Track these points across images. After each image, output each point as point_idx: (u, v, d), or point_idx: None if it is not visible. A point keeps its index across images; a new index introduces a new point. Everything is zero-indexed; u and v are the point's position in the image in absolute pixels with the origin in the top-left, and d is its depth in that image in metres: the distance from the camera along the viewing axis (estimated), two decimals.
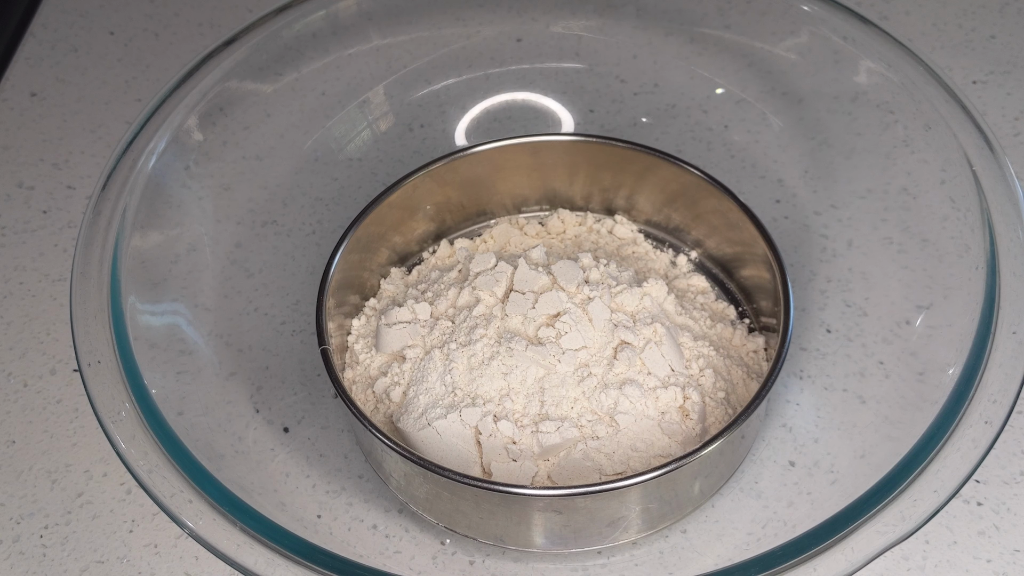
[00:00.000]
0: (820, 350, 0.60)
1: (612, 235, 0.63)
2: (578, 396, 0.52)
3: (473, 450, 0.51)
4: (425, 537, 0.54)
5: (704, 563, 0.53)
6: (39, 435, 0.59)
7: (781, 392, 0.58)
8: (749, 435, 0.54)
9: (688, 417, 0.52)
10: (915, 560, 0.53)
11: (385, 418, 0.54)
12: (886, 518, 0.46)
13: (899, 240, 0.62)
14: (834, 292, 0.62)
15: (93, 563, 0.54)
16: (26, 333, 0.63)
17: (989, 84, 0.71)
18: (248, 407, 0.58)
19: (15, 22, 0.79)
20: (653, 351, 0.53)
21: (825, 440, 0.56)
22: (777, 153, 0.68)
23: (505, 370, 0.52)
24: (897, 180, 0.64)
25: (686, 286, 0.60)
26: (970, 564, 0.53)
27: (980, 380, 0.50)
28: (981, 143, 0.57)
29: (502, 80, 0.70)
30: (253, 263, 0.64)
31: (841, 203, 0.65)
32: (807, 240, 0.64)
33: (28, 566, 0.54)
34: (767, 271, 0.57)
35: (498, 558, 0.53)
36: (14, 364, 0.62)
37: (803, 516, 0.52)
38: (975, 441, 0.48)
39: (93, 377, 0.51)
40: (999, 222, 0.55)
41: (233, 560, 0.46)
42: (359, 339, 0.58)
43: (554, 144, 0.62)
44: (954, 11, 0.76)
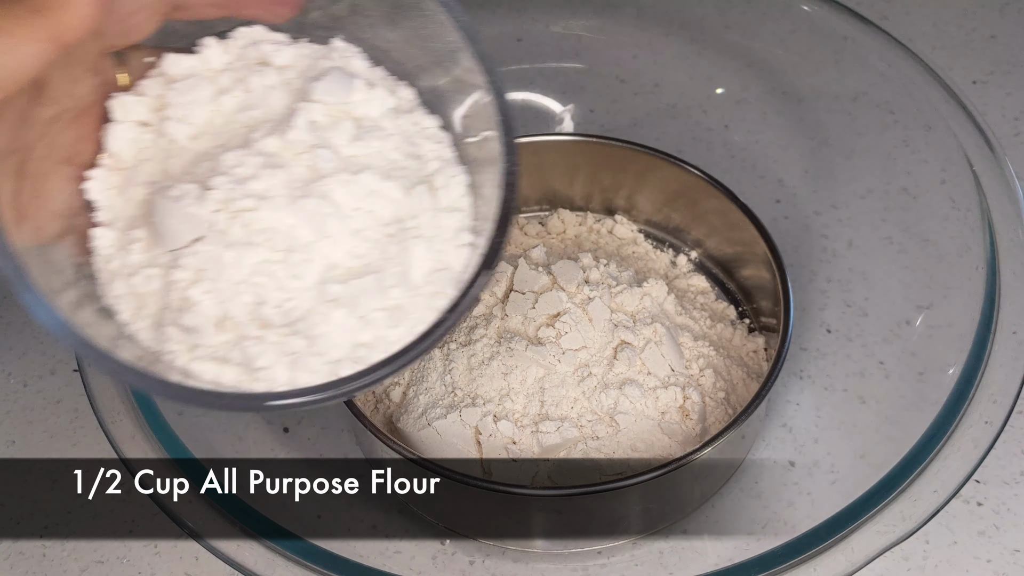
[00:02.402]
0: (820, 350, 0.60)
1: (612, 235, 0.63)
2: (578, 396, 0.52)
3: (473, 450, 0.51)
4: (425, 537, 0.54)
5: (704, 563, 0.53)
6: (39, 435, 0.59)
7: (781, 392, 0.58)
8: (749, 435, 0.54)
9: (688, 417, 0.52)
10: (915, 560, 0.53)
11: (385, 418, 0.54)
12: (886, 518, 0.46)
13: (899, 240, 0.62)
14: (834, 292, 0.62)
15: (93, 563, 0.54)
16: (26, 333, 0.63)
17: (989, 84, 0.71)
18: None
19: None
20: (653, 351, 0.53)
21: (825, 440, 0.56)
22: (777, 153, 0.68)
23: (505, 370, 0.52)
24: (897, 180, 0.64)
25: (686, 286, 0.60)
26: (970, 564, 0.53)
27: (980, 380, 0.50)
28: (981, 143, 0.57)
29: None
30: None
31: (841, 203, 0.65)
32: (807, 240, 0.64)
33: (28, 566, 0.54)
34: (767, 271, 0.57)
35: (498, 558, 0.53)
36: (14, 364, 0.62)
37: (803, 516, 0.52)
38: (975, 441, 0.48)
39: (93, 377, 0.51)
40: (999, 222, 0.55)
41: (233, 560, 0.46)
42: None
43: (554, 144, 0.62)
44: (954, 11, 0.76)
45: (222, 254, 0.35)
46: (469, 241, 0.39)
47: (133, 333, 0.36)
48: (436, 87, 0.40)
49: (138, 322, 0.36)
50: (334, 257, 0.36)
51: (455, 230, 0.38)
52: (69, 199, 0.36)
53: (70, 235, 0.37)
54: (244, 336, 0.35)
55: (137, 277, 0.36)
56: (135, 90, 0.38)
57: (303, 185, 0.36)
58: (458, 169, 0.39)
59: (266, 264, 0.35)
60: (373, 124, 0.38)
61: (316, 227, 0.36)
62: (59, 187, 0.36)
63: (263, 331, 0.35)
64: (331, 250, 0.36)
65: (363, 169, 0.37)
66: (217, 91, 0.38)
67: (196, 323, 0.35)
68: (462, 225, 0.39)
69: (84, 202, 0.37)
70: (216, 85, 0.38)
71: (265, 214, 0.35)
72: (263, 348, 0.35)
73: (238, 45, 0.39)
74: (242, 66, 0.39)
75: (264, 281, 0.35)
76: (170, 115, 0.38)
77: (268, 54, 0.39)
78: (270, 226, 0.35)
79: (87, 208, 0.37)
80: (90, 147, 0.37)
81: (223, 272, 0.35)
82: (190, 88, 0.38)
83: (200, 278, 0.35)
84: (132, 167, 0.38)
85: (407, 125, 0.39)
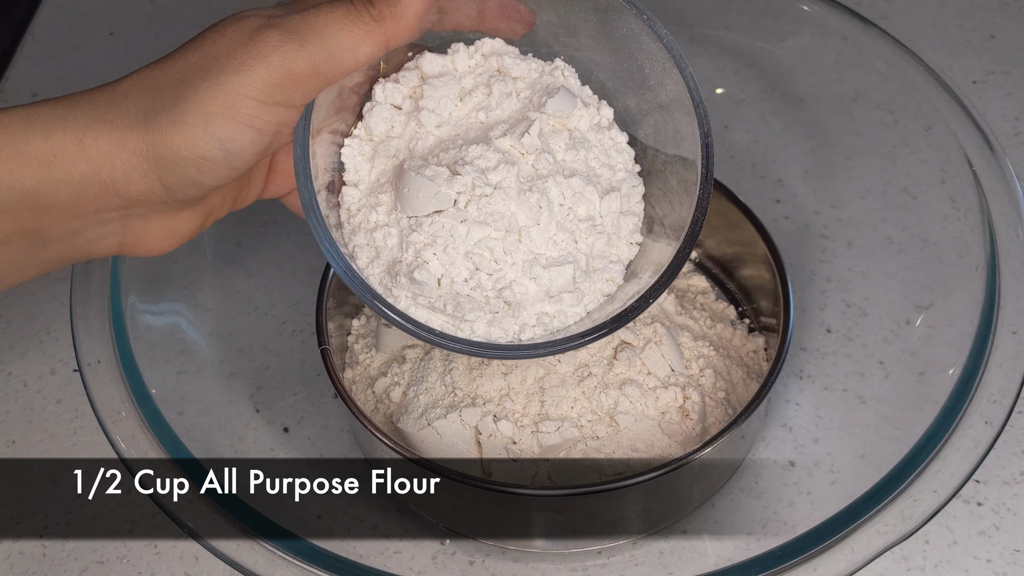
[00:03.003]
0: (820, 350, 0.60)
1: None
2: (578, 396, 0.52)
3: (473, 450, 0.51)
4: (425, 537, 0.54)
5: (704, 563, 0.53)
6: (39, 435, 0.59)
7: (781, 392, 0.58)
8: (749, 435, 0.54)
9: (688, 417, 0.52)
10: (915, 560, 0.53)
11: (385, 418, 0.54)
12: (886, 518, 0.46)
13: (899, 240, 0.63)
14: (834, 292, 0.62)
15: (93, 563, 0.54)
16: (26, 333, 0.63)
17: (989, 84, 0.71)
18: (248, 407, 0.58)
19: (15, 22, 0.79)
20: (653, 351, 0.53)
21: (825, 440, 0.56)
22: (777, 153, 0.68)
23: (505, 370, 0.52)
24: (897, 180, 0.64)
25: (686, 286, 0.60)
26: (970, 564, 0.53)
27: (980, 380, 0.50)
28: (981, 143, 0.57)
29: None
30: (253, 263, 0.64)
31: (841, 203, 0.65)
32: (807, 240, 0.64)
33: (28, 566, 0.54)
34: (767, 271, 0.57)
35: (498, 558, 0.53)
36: (14, 364, 0.62)
37: (803, 516, 0.52)
38: (975, 441, 0.48)
39: (93, 377, 0.51)
40: (999, 222, 0.55)
41: (233, 560, 0.46)
42: (359, 339, 0.58)
43: None
44: (954, 11, 0.76)
45: (456, 227, 0.43)
46: (639, 241, 0.47)
47: (367, 276, 0.44)
48: (628, 107, 0.48)
49: (372, 267, 0.44)
50: (540, 241, 0.44)
51: (630, 231, 0.47)
52: (331, 157, 0.45)
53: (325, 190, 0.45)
54: (459, 293, 0.44)
55: (377, 232, 0.44)
56: (395, 79, 0.46)
57: (528, 181, 0.44)
58: (638, 180, 0.48)
59: (488, 240, 0.44)
60: (582, 136, 0.46)
61: (532, 216, 0.44)
62: (326, 147, 0.45)
63: (474, 292, 0.44)
64: (539, 235, 0.44)
65: (573, 174, 0.45)
66: (462, 90, 0.46)
67: (424, 278, 0.43)
68: (635, 227, 0.47)
69: (340, 163, 0.46)
70: (461, 85, 0.46)
71: (497, 201, 0.44)
72: (472, 305, 0.44)
73: (481, 52, 0.47)
74: (483, 72, 0.47)
75: (484, 253, 0.44)
76: (423, 105, 0.45)
77: (507, 66, 0.47)
78: (498, 210, 0.44)
79: (341, 168, 0.46)
80: (351, 119, 0.46)
81: (454, 241, 0.43)
82: (442, 84, 0.46)
83: (433, 243, 0.44)
84: (381, 141, 0.46)
85: (605, 139, 0.47)
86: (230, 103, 0.39)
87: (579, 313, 0.45)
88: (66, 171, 0.39)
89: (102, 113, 0.39)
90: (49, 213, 0.40)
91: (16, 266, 0.41)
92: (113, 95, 0.40)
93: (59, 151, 0.39)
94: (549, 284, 0.44)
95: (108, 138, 0.39)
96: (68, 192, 0.39)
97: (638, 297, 0.44)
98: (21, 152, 0.38)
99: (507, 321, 0.44)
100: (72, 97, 0.40)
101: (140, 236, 0.42)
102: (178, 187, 0.40)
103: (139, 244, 0.43)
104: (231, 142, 0.39)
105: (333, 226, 0.44)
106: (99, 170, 0.39)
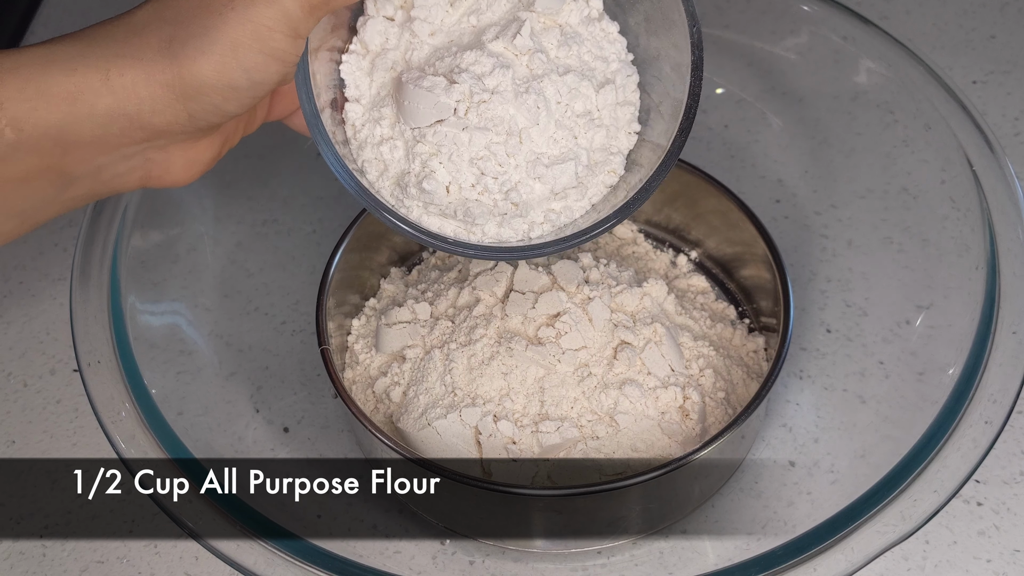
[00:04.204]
0: (820, 350, 0.60)
1: (612, 235, 0.63)
2: (578, 396, 0.52)
3: (473, 450, 0.51)
4: (425, 537, 0.54)
5: (704, 563, 0.53)
6: (39, 435, 0.59)
7: (781, 392, 0.58)
8: (749, 435, 0.54)
9: (688, 417, 0.52)
10: (915, 560, 0.53)
11: (385, 418, 0.54)
12: (886, 518, 0.46)
13: (899, 240, 0.62)
14: (834, 292, 0.62)
15: (93, 563, 0.54)
16: (26, 333, 0.63)
17: (989, 84, 0.71)
18: (248, 407, 0.58)
19: (15, 22, 0.79)
20: (653, 351, 0.53)
21: (825, 440, 0.56)
22: (777, 153, 0.68)
23: (505, 370, 0.52)
24: (897, 180, 0.64)
25: (686, 286, 0.60)
26: (970, 564, 0.53)
27: (980, 380, 0.50)
28: (981, 143, 0.57)
29: None
30: (253, 263, 0.64)
31: (841, 203, 0.65)
32: (807, 240, 0.64)
33: (28, 566, 0.54)
34: (767, 271, 0.57)
35: (498, 558, 0.53)
36: (14, 364, 0.62)
37: (803, 516, 0.52)
38: (975, 441, 0.48)
39: (93, 377, 0.51)
40: (999, 222, 0.55)
41: (233, 560, 0.46)
42: (359, 339, 0.58)
43: None
44: (954, 11, 0.76)
45: (458, 135, 0.44)
46: (637, 130, 0.47)
47: (378, 190, 0.45)
48: None
49: (382, 181, 0.45)
50: (540, 141, 0.45)
51: (628, 121, 0.47)
52: (331, 75, 0.46)
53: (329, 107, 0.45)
54: (467, 199, 0.45)
55: (384, 146, 0.45)
56: None
57: (524, 82, 0.45)
58: (632, 69, 0.47)
59: (491, 144, 0.44)
60: (573, 31, 0.46)
61: (531, 117, 0.45)
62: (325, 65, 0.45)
63: (482, 196, 0.45)
64: (539, 135, 0.45)
65: (568, 71, 0.46)
66: None
67: (432, 187, 0.44)
68: (632, 117, 0.47)
69: (340, 79, 0.46)
70: None
71: (495, 105, 0.44)
72: (481, 209, 0.45)
73: None
74: None
75: (488, 157, 0.44)
76: (415, 15, 0.46)
77: None
78: (497, 115, 0.44)
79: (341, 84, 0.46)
80: (346, 35, 0.46)
81: (458, 149, 0.44)
82: None
83: (438, 152, 0.44)
84: (378, 54, 0.46)
85: (596, 31, 0.47)
86: (259, 35, 0.39)
87: (584, 207, 0.46)
88: (91, 106, 0.39)
89: (123, 47, 0.39)
90: (74, 149, 0.40)
91: (42, 203, 0.41)
92: (132, 26, 0.40)
93: (84, 87, 0.39)
94: (553, 182, 0.45)
95: (133, 72, 0.39)
96: (93, 127, 0.39)
97: (641, 186, 0.45)
98: (44, 90, 0.39)
99: (516, 221, 0.45)
100: (88, 32, 0.40)
101: (164, 168, 0.43)
102: (202, 115, 0.41)
103: (164, 176, 0.43)
104: (257, 72, 0.40)
105: (340, 143, 0.45)
106: (124, 103, 0.39)
